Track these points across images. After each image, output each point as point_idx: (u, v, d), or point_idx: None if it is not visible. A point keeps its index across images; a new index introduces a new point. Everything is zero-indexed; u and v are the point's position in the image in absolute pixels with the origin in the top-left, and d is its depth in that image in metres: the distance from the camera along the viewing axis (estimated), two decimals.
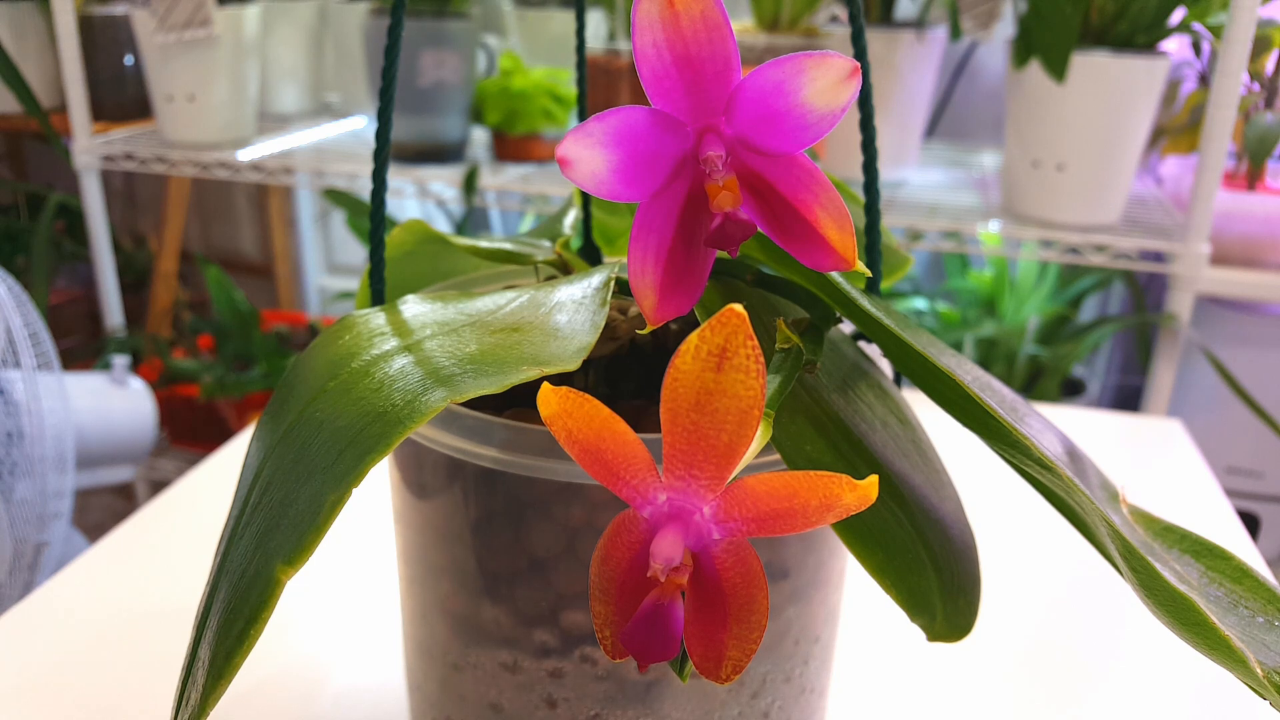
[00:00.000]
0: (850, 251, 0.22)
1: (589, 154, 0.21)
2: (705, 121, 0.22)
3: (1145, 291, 1.51)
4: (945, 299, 1.58)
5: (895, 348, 0.25)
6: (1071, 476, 0.21)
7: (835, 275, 0.26)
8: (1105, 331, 1.39)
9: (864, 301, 0.25)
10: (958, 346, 1.47)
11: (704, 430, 0.18)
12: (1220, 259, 1.20)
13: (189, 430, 1.56)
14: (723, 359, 0.17)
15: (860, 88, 0.21)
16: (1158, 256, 1.11)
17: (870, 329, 0.26)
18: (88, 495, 1.62)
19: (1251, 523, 1.35)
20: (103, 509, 1.62)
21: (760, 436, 0.21)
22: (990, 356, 1.45)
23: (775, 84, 0.21)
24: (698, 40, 0.21)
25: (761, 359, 0.17)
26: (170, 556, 0.53)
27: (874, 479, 0.17)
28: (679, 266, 0.23)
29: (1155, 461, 0.71)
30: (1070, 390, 1.49)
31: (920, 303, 1.52)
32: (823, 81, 0.20)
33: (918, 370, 0.25)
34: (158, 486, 1.47)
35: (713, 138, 0.21)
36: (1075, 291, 1.47)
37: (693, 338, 0.17)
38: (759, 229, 0.22)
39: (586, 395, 0.18)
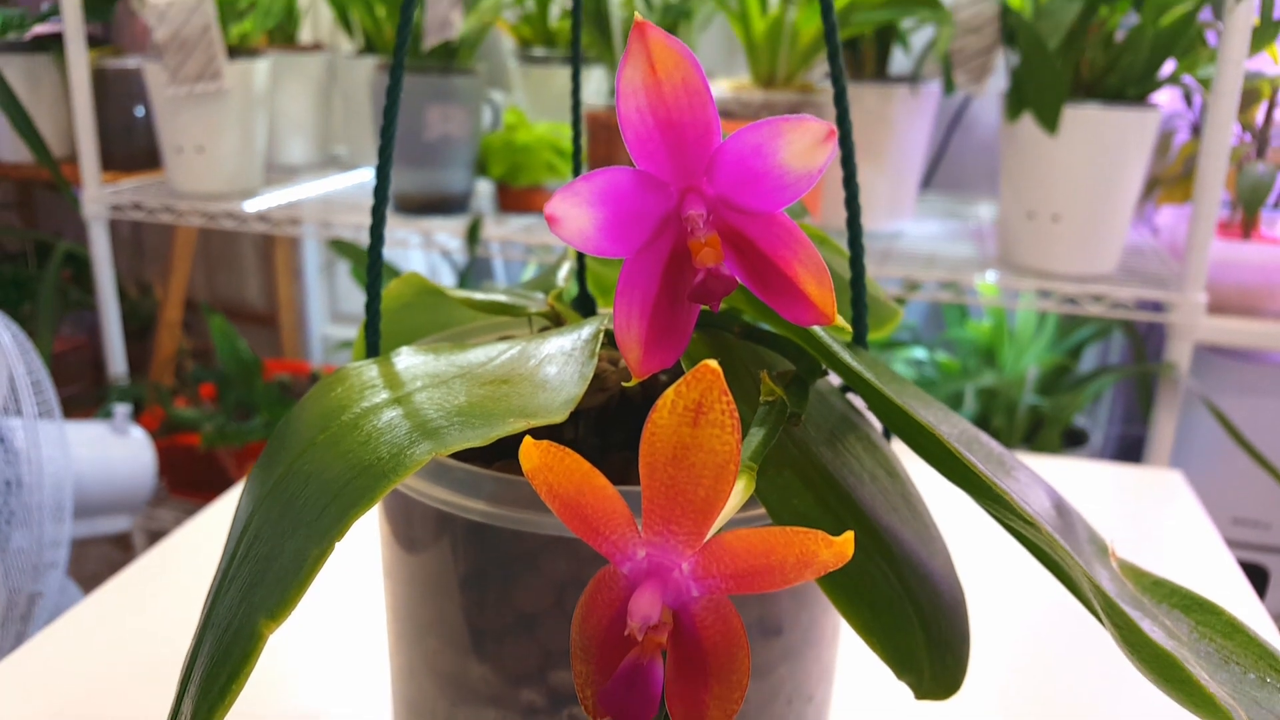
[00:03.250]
0: (829, 306, 0.22)
1: (576, 212, 0.22)
2: (688, 182, 0.22)
3: (1145, 341, 1.52)
4: (945, 349, 1.59)
5: (877, 401, 0.26)
6: (1052, 532, 0.21)
7: (817, 329, 0.26)
8: (1105, 381, 1.39)
9: (845, 355, 0.25)
10: (958, 396, 1.47)
11: (681, 485, 0.18)
12: (1218, 308, 1.20)
13: (189, 480, 1.56)
14: (699, 414, 0.17)
15: (836, 149, 0.21)
16: (1156, 306, 1.11)
17: (852, 382, 0.26)
18: (84, 545, 1.62)
19: (1259, 575, 1.33)
20: (99, 559, 1.62)
21: (742, 491, 0.21)
22: (991, 407, 1.44)
23: (754, 146, 0.21)
24: (679, 106, 0.21)
25: (736, 414, 0.17)
26: (165, 608, 0.53)
27: (849, 535, 0.17)
28: (664, 320, 0.23)
29: (1156, 513, 0.70)
30: (1073, 440, 1.48)
31: (920, 352, 1.53)
32: (799, 144, 0.21)
33: (899, 424, 0.26)
34: (155, 537, 1.46)
35: (695, 197, 0.22)
36: (1075, 341, 1.47)
37: (669, 393, 0.17)
38: (741, 284, 0.23)
39: (567, 449, 0.18)
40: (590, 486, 0.18)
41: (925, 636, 0.25)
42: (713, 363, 0.17)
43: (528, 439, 0.19)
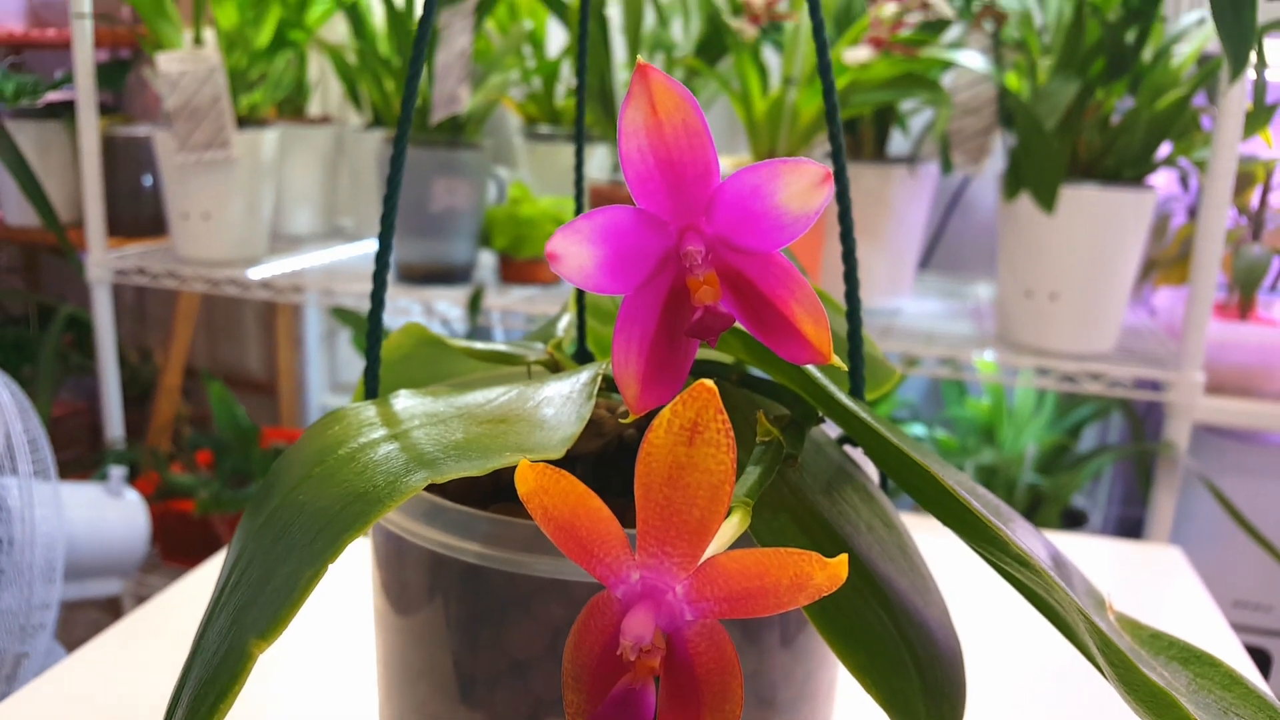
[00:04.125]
0: (825, 345, 0.23)
1: (576, 249, 0.22)
2: (687, 220, 0.23)
3: (1144, 421, 1.52)
4: (944, 426, 1.59)
5: (875, 444, 0.26)
6: (1049, 572, 0.21)
7: (815, 372, 0.26)
8: (1104, 460, 1.39)
9: (844, 398, 0.25)
10: None
11: (676, 505, 0.18)
12: (1216, 388, 1.21)
13: (182, 546, 1.54)
14: (694, 433, 0.17)
15: (832, 194, 0.22)
16: (1154, 385, 1.12)
17: (850, 425, 0.26)
18: (73, 609, 1.59)
19: (1263, 659, 1.31)
20: (88, 624, 1.59)
21: (737, 525, 0.21)
22: (990, 484, 1.44)
23: (753, 187, 0.22)
24: (679, 146, 0.22)
25: (732, 434, 0.17)
26: (151, 667, 0.52)
27: (844, 557, 0.17)
28: (661, 357, 0.23)
29: (1155, 589, 0.70)
30: (1072, 521, 1.47)
31: (919, 429, 1.53)
32: (796, 186, 0.22)
33: (896, 466, 0.26)
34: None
35: (693, 235, 0.22)
36: (1074, 420, 1.48)
37: (665, 412, 0.18)
38: (738, 322, 0.23)
39: (563, 472, 0.18)
40: (585, 509, 0.18)
41: (921, 683, 0.25)
42: (708, 382, 0.17)
43: (524, 462, 0.19)
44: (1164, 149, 1.07)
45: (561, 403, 0.27)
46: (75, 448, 1.93)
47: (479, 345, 0.36)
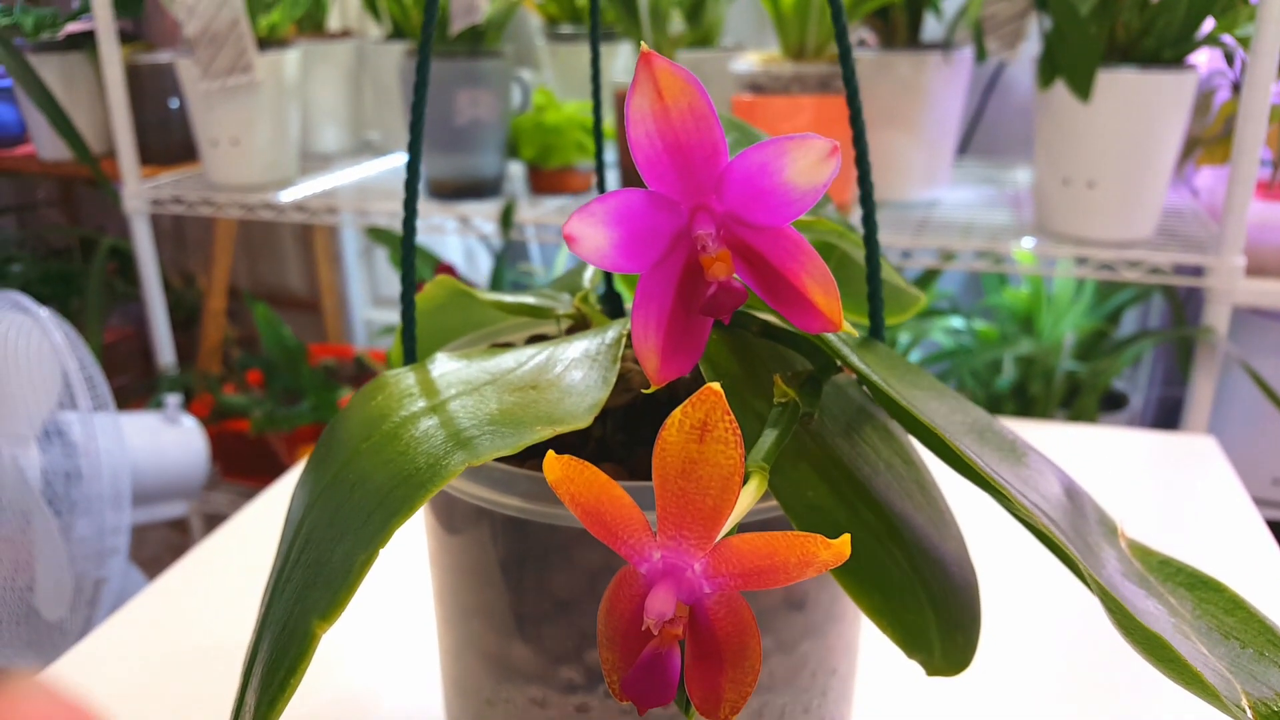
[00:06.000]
0: (836, 314, 0.23)
1: (592, 232, 0.23)
2: (697, 200, 0.23)
3: (1186, 304, 1.50)
4: (983, 316, 1.58)
5: (885, 401, 0.27)
6: (1047, 524, 0.23)
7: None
8: (1143, 346, 1.38)
9: (854, 358, 0.26)
10: (996, 364, 1.47)
11: (691, 496, 0.19)
12: (1258, 269, 1.19)
13: (240, 464, 1.61)
14: (704, 431, 0.19)
15: (839, 166, 0.22)
16: (1194, 270, 1.10)
17: (862, 381, 0.27)
18: (143, 530, 1.67)
19: None
20: (158, 543, 1.67)
21: (754, 491, 0.22)
22: (1028, 373, 1.44)
23: (760, 165, 0.23)
24: (686, 129, 0.22)
25: (739, 431, 0.19)
26: (225, 592, 0.56)
27: (846, 538, 0.18)
28: (679, 331, 0.25)
29: (1189, 480, 0.71)
30: (1113, 404, 1.48)
31: (957, 321, 1.52)
32: (803, 162, 0.22)
33: (905, 421, 0.27)
34: (211, 519, 1.51)
35: (704, 216, 0.23)
36: (1113, 306, 1.46)
37: (676, 413, 0.19)
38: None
39: (586, 463, 0.20)
40: (608, 496, 0.20)
41: (935, 617, 0.27)
42: (716, 385, 0.19)
43: (550, 454, 0.20)
44: (1206, 26, 1.03)
45: (589, 366, 0.28)
46: (128, 373, 2.00)
47: (507, 298, 0.37)
